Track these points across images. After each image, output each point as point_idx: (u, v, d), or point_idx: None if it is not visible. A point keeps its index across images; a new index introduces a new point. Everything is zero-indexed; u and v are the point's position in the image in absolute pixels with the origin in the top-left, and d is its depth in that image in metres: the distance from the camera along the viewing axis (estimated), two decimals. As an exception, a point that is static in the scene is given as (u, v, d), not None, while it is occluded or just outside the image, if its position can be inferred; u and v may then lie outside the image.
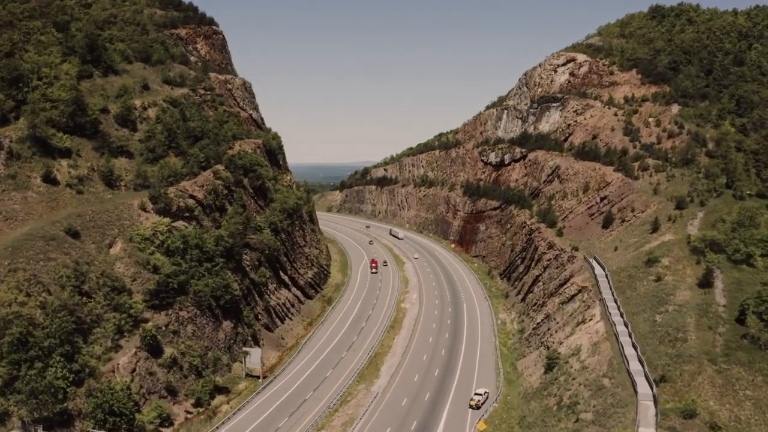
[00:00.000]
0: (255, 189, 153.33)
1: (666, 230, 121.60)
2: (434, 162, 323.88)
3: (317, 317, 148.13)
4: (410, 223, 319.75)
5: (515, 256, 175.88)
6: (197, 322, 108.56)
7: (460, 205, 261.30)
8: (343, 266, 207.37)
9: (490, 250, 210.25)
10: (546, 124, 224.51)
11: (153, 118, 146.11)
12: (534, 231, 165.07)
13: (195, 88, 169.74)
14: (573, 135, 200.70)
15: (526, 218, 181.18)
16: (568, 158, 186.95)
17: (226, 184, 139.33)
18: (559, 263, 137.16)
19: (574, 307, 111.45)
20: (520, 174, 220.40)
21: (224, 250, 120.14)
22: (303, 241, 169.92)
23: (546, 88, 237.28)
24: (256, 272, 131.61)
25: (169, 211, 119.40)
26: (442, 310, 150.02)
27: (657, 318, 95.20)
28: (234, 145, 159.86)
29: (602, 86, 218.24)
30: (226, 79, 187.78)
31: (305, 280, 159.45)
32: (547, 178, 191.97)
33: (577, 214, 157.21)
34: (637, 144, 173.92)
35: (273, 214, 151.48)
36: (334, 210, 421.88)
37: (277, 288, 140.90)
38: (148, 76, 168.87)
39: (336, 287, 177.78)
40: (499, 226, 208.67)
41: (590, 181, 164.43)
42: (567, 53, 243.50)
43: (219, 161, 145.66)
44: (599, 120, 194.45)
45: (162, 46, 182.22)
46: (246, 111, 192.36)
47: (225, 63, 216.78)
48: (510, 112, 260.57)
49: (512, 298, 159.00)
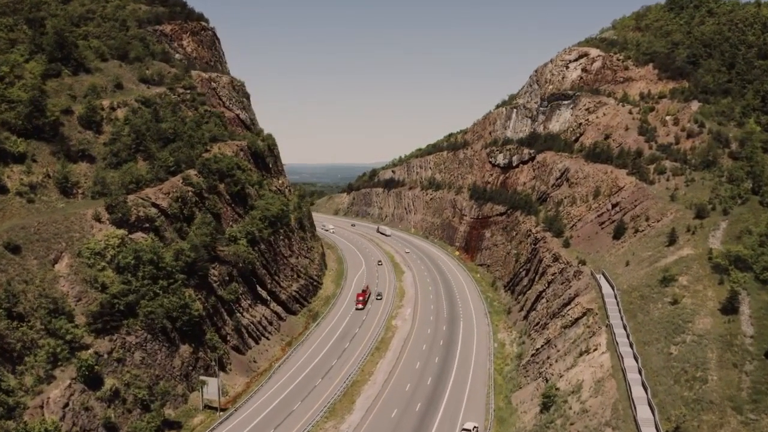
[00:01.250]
0: (232, 195, 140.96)
1: (684, 243, 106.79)
2: (442, 164, 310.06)
3: (298, 335, 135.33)
4: (416, 228, 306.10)
5: (520, 267, 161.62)
6: (147, 348, 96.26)
7: (467, 210, 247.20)
8: (338, 276, 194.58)
9: (495, 258, 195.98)
10: (556, 123, 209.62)
11: (121, 120, 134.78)
12: (539, 241, 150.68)
13: (173, 87, 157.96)
14: (584, 135, 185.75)
15: (531, 226, 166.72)
16: (579, 160, 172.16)
17: (197, 190, 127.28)
18: (564, 278, 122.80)
19: (577, 332, 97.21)
20: (528, 177, 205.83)
21: (185, 265, 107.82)
22: (288, 251, 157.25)
23: (557, 85, 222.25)
24: (226, 288, 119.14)
25: (127, 222, 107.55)
26: (435, 329, 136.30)
27: (672, 350, 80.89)
28: (212, 147, 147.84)
29: (616, 82, 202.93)
30: (210, 77, 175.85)
31: (288, 293, 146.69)
32: (555, 182, 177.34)
33: (586, 222, 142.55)
34: (653, 144, 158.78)
35: (252, 223, 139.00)
36: (341, 213, 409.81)
37: (252, 304, 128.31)
38: (124, 74, 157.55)
39: (326, 300, 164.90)
40: (505, 234, 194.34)
41: (601, 186, 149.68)
42: (579, 48, 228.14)
43: (191, 165, 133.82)
44: (612, 118, 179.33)
45: (141, 43, 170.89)
46: (232, 111, 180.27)
47: (214, 61, 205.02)
48: (519, 110, 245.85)
49: (514, 315, 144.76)
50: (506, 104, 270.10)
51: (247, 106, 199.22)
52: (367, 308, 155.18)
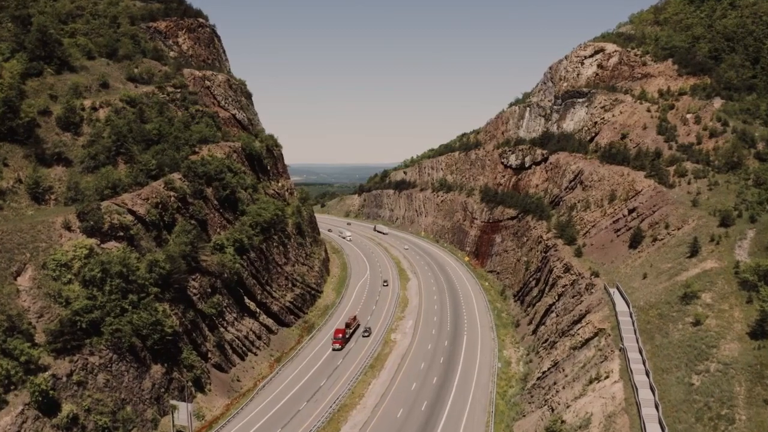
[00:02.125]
0: (221, 200, 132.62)
1: (708, 254, 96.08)
2: (454, 165, 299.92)
3: (290, 350, 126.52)
4: (426, 231, 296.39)
5: (530, 277, 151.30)
6: (112, 370, 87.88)
7: (477, 213, 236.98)
8: (340, 283, 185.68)
9: (505, 265, 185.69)
10: (570, 122, 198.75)
11: (102, 121, 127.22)
12: (550, 248, 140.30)
13: (162, 86, 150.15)
14: (599, 134, 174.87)
15: (542, 232, 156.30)
16: (593, 162, 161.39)
17: (180, 195, 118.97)
18: (575, 291, 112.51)
19: (587, 355, 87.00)
20: (540, 179, 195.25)
21: (159, 277, 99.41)
22: (283, 259, 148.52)
23: (572, 82, 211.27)
24: (207, 301, 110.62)
25: (99, 230, 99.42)
26: (436, 345, 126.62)
27: (694, 380, 70.62)
28: (201, 149, 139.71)
29: (634, 79, 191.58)
30: (204, 75, 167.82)
31: (281, 304, 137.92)
32: (568, 185, 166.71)
33: (600, 228, 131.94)
34: (673, 144, 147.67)
35: (241, 230, 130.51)
36: (351, 215, 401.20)
37: (239, 318, 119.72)
38: (111, 73, 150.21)
39: (324, 310, 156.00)
40: (516, 239, 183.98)
41: (617, 189, 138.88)
42: (595, 43, 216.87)
43: (176, 168, 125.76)
44: (629, 117, 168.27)
45: (131, 41, 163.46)
46: (228, 110, 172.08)
47: (212, 59, 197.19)
48: (533, 109, 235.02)
49: (523, 328, 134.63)
50: (520, 103, 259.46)
51: (246, 106, 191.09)
52: (366, 318, 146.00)
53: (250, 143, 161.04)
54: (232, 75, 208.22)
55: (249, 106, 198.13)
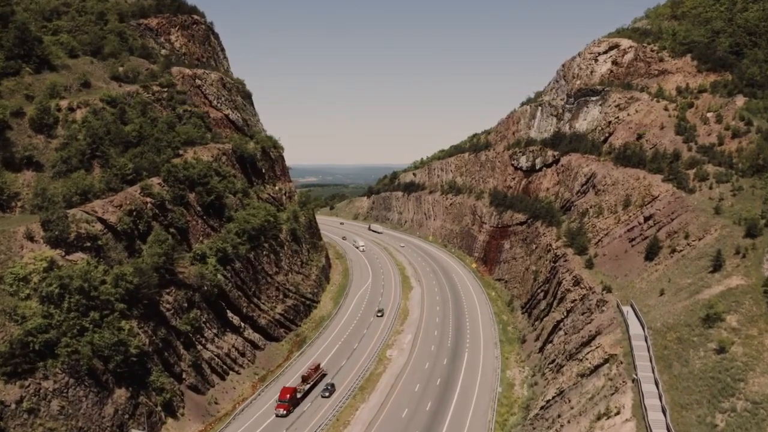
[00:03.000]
0: (205, 206, 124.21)
1: (732, 269, 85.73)
2: (463, 166, 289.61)
3: (276, 368, 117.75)
4: (434, 236, 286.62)
5: (538, 288, 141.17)
6: (69, 395, 79.36)
7: (486, 217, 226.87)
8: (340, 291, 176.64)
9: (513, 274, 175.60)
10: (583, 121, 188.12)
11: (78, 122, 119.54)
12: (559, 258, 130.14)
13: (147, 85, 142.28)
14: (614, 135, 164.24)
15: (552, 239, 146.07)
16: (607, 164, 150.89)
17: (158, 201, 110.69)
18: (585, 308, 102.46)
19: (596, 385, 77.09)
20: (551, 182, 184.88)
21: (126, 292, 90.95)
22: (274, 268, 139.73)
23: (585, 80, 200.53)
24: (182, 317, 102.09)
25: (65, 241, 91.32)
26: (435, 363, 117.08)
27: (718, 420, 60.72)
28: (186, 151, 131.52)
29: (650, 75, 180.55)
30: (195, 73, 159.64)
31: (270, 317, 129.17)
32: (580, 189, 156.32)
33: (613, 237, 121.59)
34: (693, 146, 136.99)
35: (225, 238, 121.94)
36: (360, 218, 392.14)
37: (219, 334, 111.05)
38: (94, 71, 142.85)
39: (319, 321, 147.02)
40: (525, 246, 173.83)
41: (632, 194, 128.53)
42: (609, 39, 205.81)
43: (156, 173, 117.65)
44: (646, 116, 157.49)
45: (118, 38, 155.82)
46: (220, 111, 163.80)
47: (207, 57, 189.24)
48: (544, 108, 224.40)
49: (530, 345, 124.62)
50: (531, 102, 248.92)
51: (242, 106, 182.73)
52: (362, 332, 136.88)
53: (241, 145, 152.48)
54: (229, 74, 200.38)
55: (246, 106, 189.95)
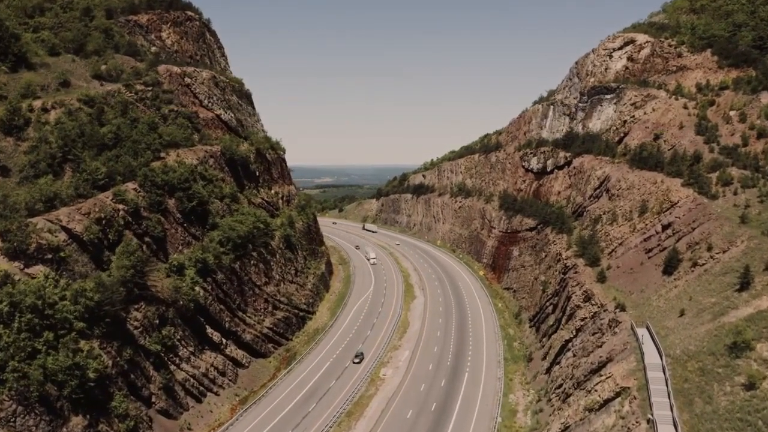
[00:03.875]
0: (186, 213, 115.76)
1: (762, 288, 75.34)
2: (473, 168, 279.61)
3: (260, 388, 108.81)
4: (443, 240, 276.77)
5: (546, 300, 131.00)
6: (17, 424, 70.80)
7: (496, 222, 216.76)
8: (339, 300, 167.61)
9: (522, 283, 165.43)
10: (597, 121, 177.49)
11: (52, 123, 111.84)
12: (569, 269, 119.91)
13: (130, 83, 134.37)
14: (629, 135, 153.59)
15: (562, 248, 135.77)
16: (622, 166, 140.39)
17: (131, 208, 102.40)
18: (596, 328, 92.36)
19: (606, 423, 67.04)
20: (562, 185, 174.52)
21: (86, 309, 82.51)
22: (263, 278, 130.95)
23: (599, 77, 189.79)
24: (152, 335, 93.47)
25: (24, 252, 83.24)
26: (432, 384, 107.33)
27: (752, 476, 50.62)
28: (168, 154, 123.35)
29: (668, 72, 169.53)
30: (184, 71, 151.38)
31: (257, 332, 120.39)
32: (593, 193, 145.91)
33: (628, 247, 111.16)
34: (715, 146, 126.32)
35: (206, 247, 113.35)
36: (369, 221, 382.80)
37: (196, 352, 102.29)
38: (75, 70, 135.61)
39: (313, 335, 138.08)
40: (534, 254, 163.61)
41: (649, 200, 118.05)
42: (625, 34, 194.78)
43: (132, 177, 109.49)
44: (663, 114, 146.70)
45: (103, 35, 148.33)
46: (211, 110, 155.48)
47: (201, 54, 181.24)
48: (557, 107, 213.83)
49: (536, 364, 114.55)
50: (544, 101, 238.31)
51: (236, 106, 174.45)
52: (357, 347, 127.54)
53: (232, 146, 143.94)
54: (225, 72, 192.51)
55: (242, 106, 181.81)
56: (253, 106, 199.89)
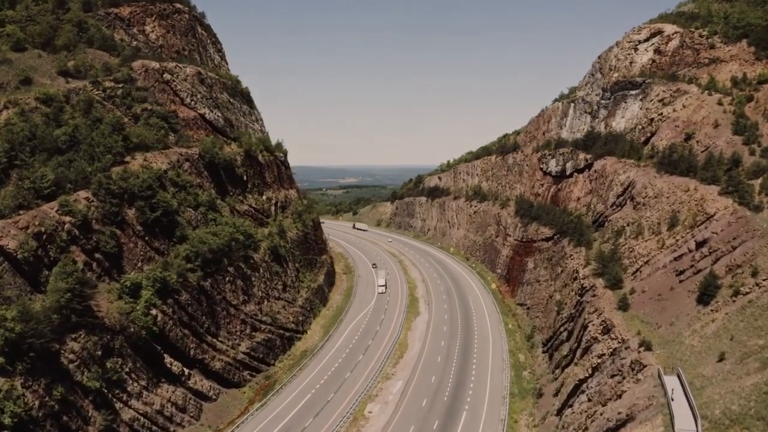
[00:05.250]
0: (148, 225, 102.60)
1: (829, 330, 59.46)
2: (489, 170, 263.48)
3: (227, 425, 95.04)
4: (457, 247, 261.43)
5: (561, 324, 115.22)
6: None
7: (511, 229, 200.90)
8: (335, 317, 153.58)
9: (536, 300, 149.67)
10: (621, 119, 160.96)
11: (1, 125, 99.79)
12: (586, 291, 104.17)
13: (98, 80, 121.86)
14: (657, 134, 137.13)
15: (579, 264, 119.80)
16: (648, 170, 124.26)
17: (79, 221, 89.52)
18: (615, 369, 76.81)
19: None
20: (582, 190, 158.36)
21: (7, 342, 69.56)
22: (241, 297, 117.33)
23: (623, 71, 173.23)
24: (92, 369, 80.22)
25: (-60, 274, 70.63)
26: (422, 428, 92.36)
27: None
28: (134, 158, 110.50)
29: (699, 65, 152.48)
30: (164, 67, 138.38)
31: (231, 358, 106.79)
32: (615, 200, 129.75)
33: (656, 267, 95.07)
34: (756, 148, 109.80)
35: (170, 264, 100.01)
36: (383, 225, 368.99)
37: (150, 386, 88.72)
38: (41, 66, 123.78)
39: (299, 358, 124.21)
40: (550, 267, 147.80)
41: (680, 210, 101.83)
42: (651, 25, 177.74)
43: (85, 185, 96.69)
44: (695, 111, 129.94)
45: (76, 28, 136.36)
46: (194, 109, 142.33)
47: (190, 49, 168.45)
48: (578, 105, 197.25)
49: (547, 400, 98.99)
50: (564, 98, 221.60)
51: (226, 104, 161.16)
52: (345, 375, 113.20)
53: (212, 149, 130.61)
54: (218, 68, 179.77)
55: (234, 104, 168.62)
56: (251, 105, 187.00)
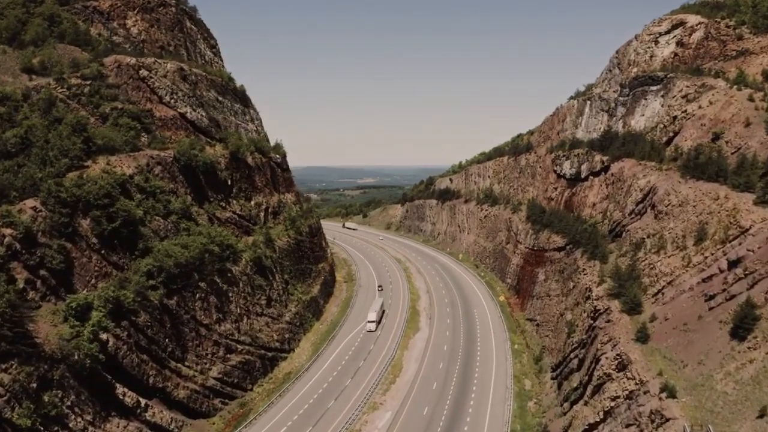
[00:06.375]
0: (105, 236, 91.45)
1: None
2: (501, 172, 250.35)
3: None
4: (466, 253, 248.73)
5: (571, 350, 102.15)
6: None
7: (522, 235, 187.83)
8: (327, 333, 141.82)
9: (546, 316, 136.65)
10: (640, 117, 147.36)
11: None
12: (599, 314, 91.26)
13: (63, 77, 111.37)
14: (680, 134, 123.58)
15: (592, 281, 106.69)
16: (671, 175, 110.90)
17: (20, 233, 78.66)
18: (631, 417, 64.11)
19: None
20: (598, 195, 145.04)
21: None
22: (215, 315, 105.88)
23: (643, 66, 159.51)
24: (23, 405, 69.14)
25: None
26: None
27: None
28: (96, 162, 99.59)
29: (726, 58, 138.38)
30: (140, 62, 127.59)
31: (198, 385, 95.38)
32: (634, 208, 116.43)
33: (681, 290, 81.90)
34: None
35: (129, 280, 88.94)
36: (392, 228, 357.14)
37: (98, 421, 76.94)
38: (5, 62, 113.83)
39: (282, 381, 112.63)
40: (561, 281, 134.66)
41: (709, 222, 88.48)
42: (672, 16, 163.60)
43: (34, 193, 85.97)
44: (723, 108, 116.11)
45: (45, 22, 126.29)
46: (174, 108, 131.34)
47: (176, 45, 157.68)
48: (594, 102, 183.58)
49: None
50: (580, 96, 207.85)
51: (212, 103, 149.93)
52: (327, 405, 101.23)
53: (188, 150, 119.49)
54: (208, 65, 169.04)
55: (223, 102, 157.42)
56: (245, 104, 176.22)
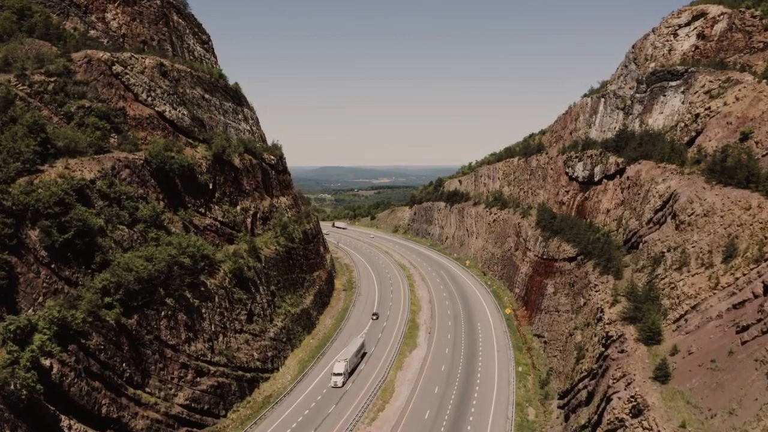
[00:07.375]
0: (56, 250, 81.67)
1: None
2: (511, 173, 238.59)
3: None
4: (474, 259, 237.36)
5: (580, 378, 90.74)
6: None
7: (531, 242, 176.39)
8: (316, 349, 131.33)
9: (554, 333, 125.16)
10: (659, 115, 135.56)
11: None
12: (612, 342, 79.82)
13: (25, 74, 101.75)
14: (703, 134, 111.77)
15: (605, 300, 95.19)
16: (695, 179, 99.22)
17: (-53, 248, 69.06)
18: (647, 476, 53.15)
19: None
20: (613, 201, 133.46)
21: None
22: (184, 334, 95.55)
23: (661, 61, 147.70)
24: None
25: None
26: None
27: None
28: (53, 166, 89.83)
29: (752, 50, 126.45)
30: (113, 57, 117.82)
31: (161, 413, 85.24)
32: (653, 216, 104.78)
33: (707, 316, 70.36)
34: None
35: (80, 299, 79.04)
36: (400, 231, 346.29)
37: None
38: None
39: (261, 406, 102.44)
40: (571, 296, 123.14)
41: (740, 235, 76.87)
42: (692, 7, 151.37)
43: (-27, 200, 76.26)
44: (752, 105, 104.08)
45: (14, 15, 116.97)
46: (151, 106, 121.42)
47: (160, 39, 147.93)
48: (608, 100, 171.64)
49: (559, 484, 75.39)
50: (594, 93, 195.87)
51: (197, 101, 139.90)
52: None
53: (162, 152, 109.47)
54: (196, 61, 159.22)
55: (210, 101, 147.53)
56: (238, 102, 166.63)
